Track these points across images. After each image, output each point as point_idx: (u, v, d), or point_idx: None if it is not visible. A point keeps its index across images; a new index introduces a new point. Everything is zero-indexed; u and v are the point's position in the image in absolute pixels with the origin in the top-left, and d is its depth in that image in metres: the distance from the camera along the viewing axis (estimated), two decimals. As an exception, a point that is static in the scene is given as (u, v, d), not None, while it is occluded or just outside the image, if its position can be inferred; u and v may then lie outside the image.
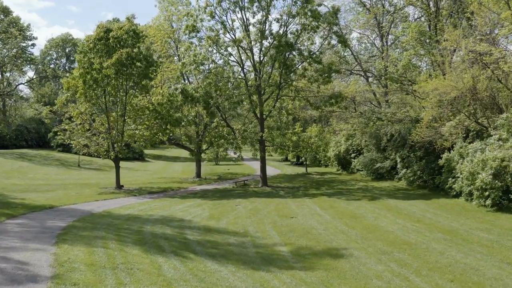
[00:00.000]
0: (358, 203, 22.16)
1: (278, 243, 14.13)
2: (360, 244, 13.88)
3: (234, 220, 17.97)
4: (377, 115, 31.51)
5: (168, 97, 28.57)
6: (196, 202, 23.16)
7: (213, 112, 28.25)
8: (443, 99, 23.18)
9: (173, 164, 55.45)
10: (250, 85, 28.97)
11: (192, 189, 30.10)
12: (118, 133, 28.70)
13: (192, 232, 15.24)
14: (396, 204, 21.80)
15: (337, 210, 20.24)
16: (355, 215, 18.87)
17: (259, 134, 28.75)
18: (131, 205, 21.92)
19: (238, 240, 14.40)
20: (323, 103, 27.91)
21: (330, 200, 23.62)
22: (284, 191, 28.39)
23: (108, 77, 27.66)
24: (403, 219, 17.82)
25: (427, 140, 23.20)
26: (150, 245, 12.11)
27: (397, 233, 15.36)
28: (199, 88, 27.45)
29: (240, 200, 24.00)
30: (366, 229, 15.96)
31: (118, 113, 28.84)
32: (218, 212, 19.94)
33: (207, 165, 51.96)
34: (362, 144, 35.37)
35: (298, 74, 28.58)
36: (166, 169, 48.44)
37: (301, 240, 14.35)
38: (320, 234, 15.29)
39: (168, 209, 20.63)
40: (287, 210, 20.40)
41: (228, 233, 15.42)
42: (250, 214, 19.34)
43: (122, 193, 26.72)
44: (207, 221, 17.76)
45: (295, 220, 17.76)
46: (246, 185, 31.08)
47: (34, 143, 62.73)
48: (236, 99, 28.00)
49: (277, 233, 15.41)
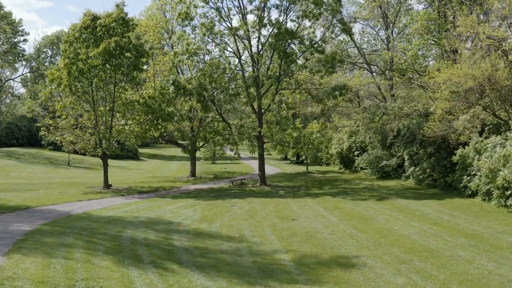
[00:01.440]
0: (366, 204, 20.25)
1: (278, 249, 12.21)
2: (373, 251, 11.96)
3: (229, 222, 16.05)
4: (383, 110, 29.60)
5: (159, 90, 26.60)
6: (188, 203, 21.23)
7: (207, 106, 26.25)
8: (457, 90, 21.28)
9: (168, 163, 53.50)
10: (248, 77, 26.99)
11: (186, 188, 28.15)
12: (106, 129, 26.75)
13: (179, 237, 13.31)
14: (407, 204, 19.89)
15: (343, 211, 18.32)
16: (364, 216, 16.96)
17: (257, 129, 26.81)
18: (116, 205, 19.99)
19: (232, 246, 12.47)
20: (326, 95, 25.95)
21: (334, 200, 21.71)
22: (284, 190, 26.46)
23: (95, 68, 25.75)
24: (418, 221, 15.92)
25: (440, 135, 21.29)
26: (126, 254, 10.17)
27: (414, 237, 13.44)
28: (192, 80, 25.44)
29: (236, 200, 22.08)
30: (378, 233, 14.04)
31: (107, 108, 26.91)
32: (211, 213, 18.01)
33: (203, 164, 50.02)
34: (366, 141, 33.45)
35: (299, 65, 26.61)
36: (161, 168, 46.48)
37: (305, 246, 12.43)
38: (326, 239, 13.37)
39: (156, 210, 18.71)
40: (288, 211, 18.48)
41: (221, 238, 13.50)
42: (247, 215, 17.42)
43: (109, 193, 24.82)
44: (198, 223, 15.84)
45: (297, 223, 15.84)
46: (243, 184, 29.14)
47: (25, 141, 60.60)
48: (233, 91, 25.98)
49: (277, 238, 13.49)
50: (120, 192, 25.14)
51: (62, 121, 27.00)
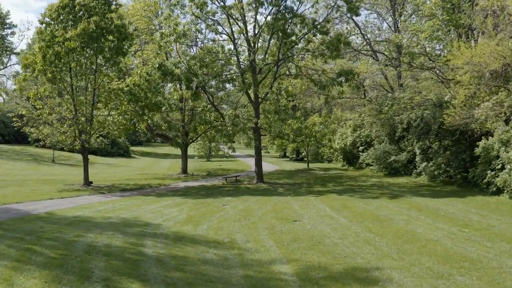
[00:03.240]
0: (378, 202, 17.65)
1: (277, 259, 9.61)
2: (399, 261, 9.37)
3: (218, 224, 13.43)
4: (391, 100, 27.00)
5: (145, 76, 23.93)
6: (174, 201, 18.60)
7: (197, 93, 23.60)
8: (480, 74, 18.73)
9: (160, 161, 50.82)
10: (243, 61, 24.34)
11: (175, 186, 25.51)
12: (86, 120, 24.08)
13: (154, 243, 10.68)
14: (426, 203, 17.30)
15: (352, 210, 15.71)
16: (378, 217, 14.35)
17: (254, 120, 24.19)
18: (91, 204, 17.36)
19: (219, 254, 9.86)
20: (330, 81, 23.33)
21: (341, 198, 19.11)
22: (284, 188, 23.84)
23: (73, 52, 23.10)
24: (443, 223, 13.33)
25: (461, 124, 18.71)
26: (70, 268, 7.54)
27: (445, 242, 10.85)
28: (181, 63, 22.75)
29: (229, 198, 19.46)
30: (399, 237, 11.44)
31: (87, 97, 24.25)
32: (199, 213, 15.39)
33: (197, 161, 47.41)
34: (373, 135, 30.84)
35: (300, 49, 23.96)
36: (152, 166, 43.80)
37: (310, 255, 9.83)
38: (337, 244, 10.77)
39: (135, 210, 16.07)
40: (288, 211, 15.87)
41: (207, 244, 10.88)
42: (240, 216, 14.81)
43: (88, 191, 22.20)
44: (181, 225, 13.21)
45: (300, 225, 13.23)
46: (238, 182, 26.51)
47: (12, 138, 57.85)
48: (226, 78, 23.31)
49: (275, 244, 10.88)
50: (100, 190, 22.54)
51: (37, 112, 24.33)
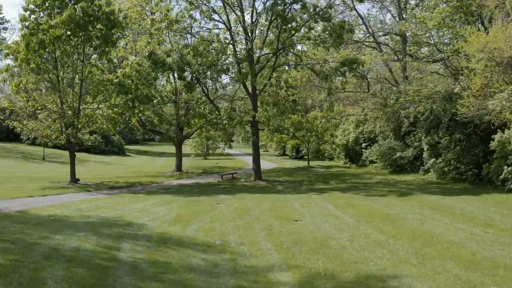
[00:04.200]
0: (386, 200, 16.19)
1: (276, 265, 8.16)
2: (420, 268, 7.91)
3: (210, 224, 11.96)
4: (396, 93, 25.56)
5: (135, 67, 22.45)
6: (164, 199, 17.14)
7: (190, 84, 22.11)
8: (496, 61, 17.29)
9: (156, 159, 49.34)
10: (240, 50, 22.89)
11: (167, 184, 24.03)
12: (73, 113, 22.60)
13: (133, 246, 9.21)
14: (439, 201, 15.84)
15: (359, 209, 14.25)
16: (389, 216, 12.89)
17: (251, 113, 22.72)
18: (72, 202, 15.89)
19: (208, 259, 8.40)
20: (333, 71, 21.86)
21: (345, 196, 17.64)
22: (283, 185, 22.37)
23: (58, 40, 21.62)
24: (462, 222, 11.86)
25: (477, 115, 17.25)
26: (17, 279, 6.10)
27: (470, 245, 9.40)
28: (173, 52, 21.26)
29: (224, 196, 17.99)
30: (416, 239, 9.99)
31: (75, 88, 22.79)
32: (190, 212, 13.93)
33: (194, 159, 45.93)
34: (377, 131, 29.38)
35: (300, 37, 22.48)
36: (146, 164, 42.32)
37: (315, 260, 8.38)
38: (345, 248, 9.31)
39: (120, 209, 14.60)
40: (288, 209, 14.41)
41: (195, 247, 9.43)
42: (235, 215, 13.35)
43: (73, 188, 20.75)
44: (168, 226, 11.75)
45: (301, 225, 11.77)
46: (234, 179, 25.04)
47: (4, 136, 56.33)
48: (221, 67, 21.80)
49: (274, 247, 9.43)
50: (87, 188, 21.07)
51: (20, 104, 22.85)
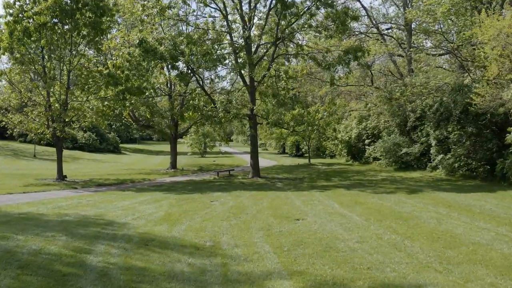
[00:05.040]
0: (395, 197, 14.88)
1: (275, 271, 6.86)
2: (446, 274, 6.63)
3: (201, 223, 10.66)
4: (402, 86, 24.26)
5: (126, 57, 21.14)
6: (153, 197, 15.82)
7: (184, 74, 20.76)
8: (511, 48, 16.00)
9: (151, 157, 48.03)
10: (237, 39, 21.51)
11: (160, 181, 22.71)
12: (61, 106, 21.30)
13: (108, 248, 7.91)
14: (453, 198, 14.53)
15: (367, 207, 12.93)
16: (401, 215, 11.58)
17: (249, 106, 21.40)
18: (52, 199, 14.60)
19: (195, 264, 7.11)
20: (337, 60, 20.52)
21: (350, 193, 16.32)
22: (283, 182, 21.05)
23: (43, 27, 20.31)
24: (485, 222, 10.56)
25: (492, 106, 15.94)
26: None
27: (500, 247, 8.12)
28: (165, 40, 19.90)
29: (220, 194, 16.68)
30: (435, 240, 8.70)
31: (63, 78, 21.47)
32: (180, 210, 12.62)
33: (190, 157, 44.61)
34: (381, 126, 28.06)
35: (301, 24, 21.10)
36: (141, 162, 40.96)
37: (320, 265, 7.08)
38: (355, 250, 8.01)
39: (103, 206, 13.29)
40: (289, 207, 13.09)
41: (182, 249, 8.14)
42: (230, 214, 12.04)
43: (59, 185, 19.49)
44: (154, 225, 10.44)
45: (304, 224, 10.46)
46: (231, 176, 23.72)
47: (-4, 133, 55.13)
48: (216, 56, 20.40)
49: (272, 249, 8.14)
50: (73, 185, 19.79)
51: (4, 96, 21.54)
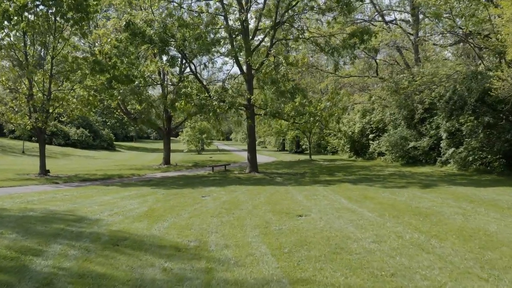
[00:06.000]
0: (409, 192, 13.32)
1: (273, 278, 5.32)
2: (494, 283, 5.13)
3: (188, 220, 9.11)
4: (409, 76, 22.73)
5: (114, 43, 19.58)
6: (140, 192, 14.25)
7: (175, 59, 19.17)
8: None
9: (147, 154, 46.43)
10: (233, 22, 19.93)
11: (150, 176, 21.15)
12: (44, 95, 19.77)
13: (66, 249, 6.37)
14: (473, 192, 12.98)
15: (379, 202, 11.37)
16: (419, 210, 10.03)
17: (246, 95, 19.84)
18: (25, 194, 13.07)
19: (171, 270, 5.58)
20: (342, 44, 18.92)
21: (358, 188, 14.75)
22: (283, 177, 19.49)
23: (23, 9, 18.75)
24: (519, 218, 9.03)
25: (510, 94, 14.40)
26: None
27: (551, 249, 6.57)
28: (155, 22, 18.29)
29: (213, 188, 15.12)
30: (468, 240, 7.16)
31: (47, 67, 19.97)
32: (166, 206, 11.07)
33: (187, 154, 43.06)
34: (386, 119, 26.51)
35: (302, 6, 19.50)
36: (135, 159, 39.37)
37: (330, 270, 5.55)
38: (372, 252, 6.47)
39: (80, 202, 11.74)
40: (289, 202, 11.52)
41: (159, 250, 6.60)
42: (222, 209, 10.49)
43: (39, 180, 17.97)
44: (132, 222, 8.89)
45: (307, 221, 8.91)
46: (227, 171, 22.16)
47: (-13, 130, 53.57)
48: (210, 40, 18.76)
49: (270, 250, 6.61)
50: (55, 180, 18.26)
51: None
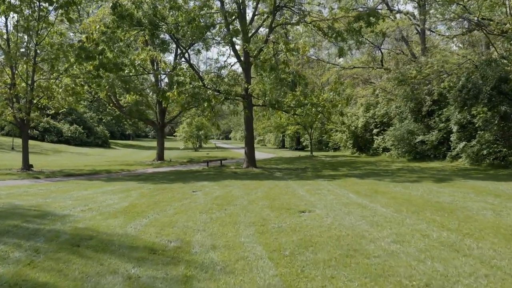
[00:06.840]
0: (424, 186, 11.96)
1: (269, 292, 3.98)
2: None
3: (172, 217, 7.78)
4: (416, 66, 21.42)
5: (102, 29, 18.24)
6: (124, 187, 12.91)
7: (165, 43, 17.83)
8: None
9: (142, 152, 45.13)
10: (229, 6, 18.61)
11: (141, 171, 19.79)
12: (27, 85, 18.46)
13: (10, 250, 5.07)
14: (497, 187, 11.64)
15: (392, 196, 10.02)
16: (441, 205, 8.69)
17: (243, 84, 18.50)
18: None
19: (140, 278, 4.25)
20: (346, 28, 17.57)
21: (365, 182, 13.39)
22: (282, 172, 18.15)
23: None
24: (560, 215, 7.70)
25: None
26: None
27: None
28: (144, 4, 16.90)
29: (205, 183, 13.77)
30: (509, 239, 5.83)
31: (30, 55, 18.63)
32: (150, 201, 9.74)
33: (183, 151, 41.73)
34: (391, 113, 25.19)
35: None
36: (128, 155, 37.98)
37: (344, 279, 4.21)
38: (394, 255, 5.14)
39: (54, 196, 10.43)
40: (290, 197, 10.18)
41: (130, 252, 5.28)
42: (214, 205, 9.15)
43: (19, 175, 16.71)
44: (106, 218, 7.57)
45: (311, 218, 7.57)
46: (223, 166, 20.82)
47: (-20, 127, 52.25)
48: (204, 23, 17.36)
49: (267, 252, 5.28)
50: (37, 174, 17.01)
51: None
